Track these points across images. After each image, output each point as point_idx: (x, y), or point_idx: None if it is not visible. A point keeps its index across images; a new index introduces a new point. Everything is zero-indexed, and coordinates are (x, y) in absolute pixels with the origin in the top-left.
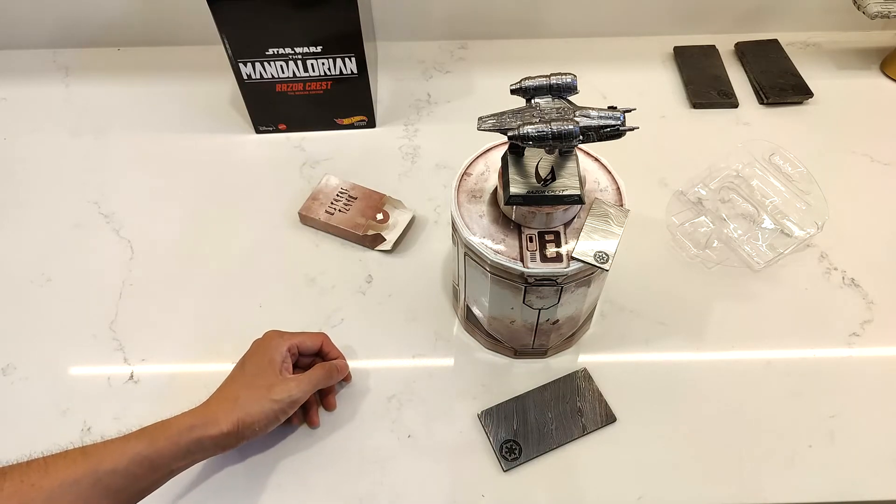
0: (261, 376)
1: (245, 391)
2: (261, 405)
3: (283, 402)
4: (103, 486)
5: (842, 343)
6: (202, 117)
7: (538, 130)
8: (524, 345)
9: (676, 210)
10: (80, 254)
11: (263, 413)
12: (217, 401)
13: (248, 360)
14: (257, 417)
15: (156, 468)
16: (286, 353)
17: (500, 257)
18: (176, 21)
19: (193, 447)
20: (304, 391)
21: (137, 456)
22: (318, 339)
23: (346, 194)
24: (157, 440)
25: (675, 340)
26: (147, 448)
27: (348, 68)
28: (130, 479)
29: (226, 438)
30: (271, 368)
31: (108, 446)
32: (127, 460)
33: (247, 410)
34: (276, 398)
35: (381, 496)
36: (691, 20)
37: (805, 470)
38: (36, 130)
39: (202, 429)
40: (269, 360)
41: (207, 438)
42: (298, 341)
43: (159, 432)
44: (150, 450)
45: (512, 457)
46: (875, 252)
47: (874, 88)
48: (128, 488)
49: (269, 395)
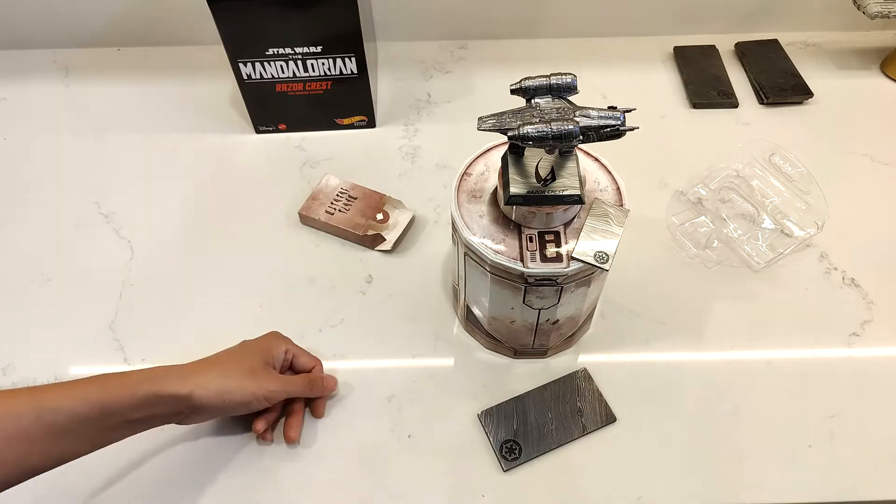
0: (249, 361)
1: (222, 366)
2: (240, 383)
3: (261, 390)
4: (45, 423)
5: (842, 343)
6: (202, 117)
7: (538, 130)
8: (524, 345)
9: (676, 210)
10: (80, 254)
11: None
12: (198, 363)
13: (246, 344)
14: (233, 392)
15: (107, 414)
16: (282, 354)
17: (500, 257)
18: (176, 21)
19: (151, 400)
20: (284, 390)
21: (86, 399)
22: (313, 361)
23: (346, 194)
24: (109, 385)
25: (675, 340)
26: (98, 391)
27: (348, 68)
28: (77, 421)
29: (178, 401)
30: (262, 360)
31: (57, 386)
32: (74, 400)
33: (225, 382)
34: (257, 384)
35: (381, 496)
36: (691, 20)
37: (805, 470)
38: (36, 130)
39: (159, 382)
40: (263, 352)
41: (157, 396)
42: (297, 351)
43: (115, 379)
44: (101, 393)
45: (512, 457)
46: (875, 252)
47: (874, 88)
48: (74, 431)
49: (252, 379)
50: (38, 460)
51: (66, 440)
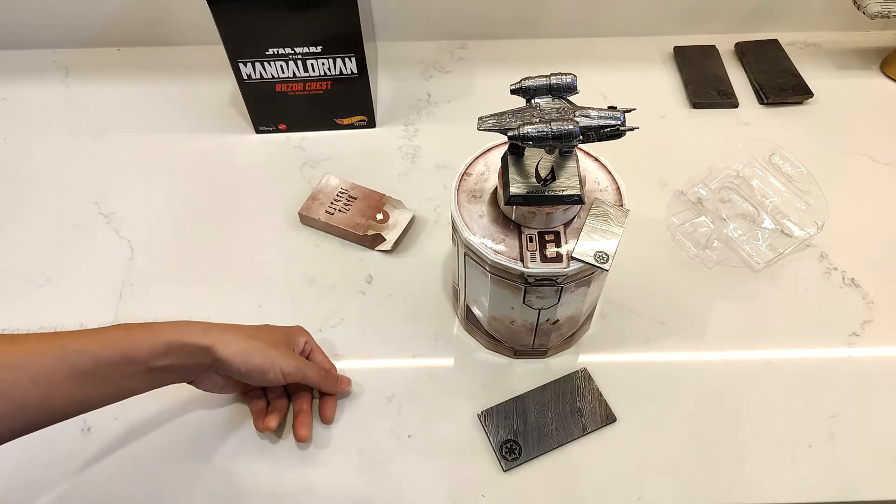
0: (270, 334)
1: (246, 331)
2: (261, 353)
3: (277, 364)
4: (69, 363)
5: (842, 343)
6: (202, 117)
7: (538, 130)
8: (524, 345)
9: (676, 210)
10: (80, 254)
11: (261, 359)
12: (216, 323)
13: (270, 325)
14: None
15: (129, 360)
16: (302, 343)
17: (500, 257)
18: (176, 21)
19: (173, 348)
20: (298, 371)
21: (110, 343)
22: (328, 363)
23: (346, 194)
24: (133, 332)
25: (675, 340)
26: (122, 337)
27: (348, 68)
28: (100, 364)
29: (199, 352)
30: (284, 337)
31: (83, 331)
32: (98, 343)
33: (246, 344)
34: (276, 358)
35: (381, 496)
36: (691, 20)
37: (805, 470)
38: (36, 130)
39: (183, 332)
40: (286, 332)
41: (180, 345)
42: (315, 347)
43: (139, 327)
44: (125, 338)
45: (512, 457)
46: (875, 252)
47: (874, 88)
48: (97, 374)
49: (273, 351)
50: (61, 402)
51: (89, 383)
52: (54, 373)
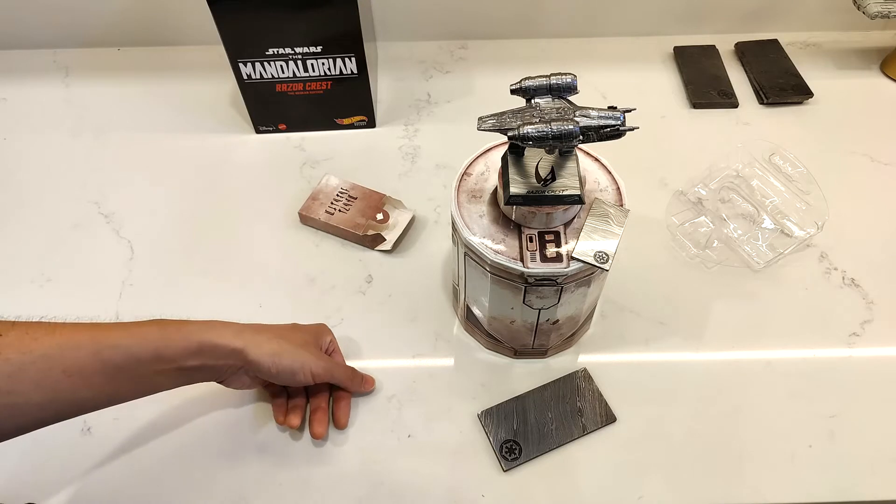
0: (299, 334)
1: (276, 332)
2: (291, 355)
3: (307, 365)
4: (103, 358)
5: (842, 343)
6: (202, 117)
7: (538, 130)
8: (524, 345)
9: (676, 210)
10: (80, 254)
11: (291, 360)
12: (247, 324)
13: (297, 324)
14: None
15: (162, 358)
16: (327, 343)
17: (500, 257)
18: (176, 21)
19: (205, 349)
20: (328, 372)
21: (144, 339)
22: (350, 372)
23: (346, 194)
24: (167, 330)
25: (675, 340)
26: (157, 334)
27: (348, 68)
28: (132, 360)
29: (231, 354)
30: (313, 337)
31: (118, 324)
32: (133, 339)
33: (276, 346)
34: (306, 359)
35: (381, 496)
36: (691, 20)
37: (805, 470)
38: (36, 130)
39: (215, 333)
40: (315, 331)
41: (212, 346)
42: (337, 348)
43: (173, 325)
44: (159, 336)
45: (512, 457)
46: (875, 252)
47: (874, 88)
48: (129, 370)
49: (302, 352)
50: (90, 395)
51: (120, 378)
52: (87, 366)
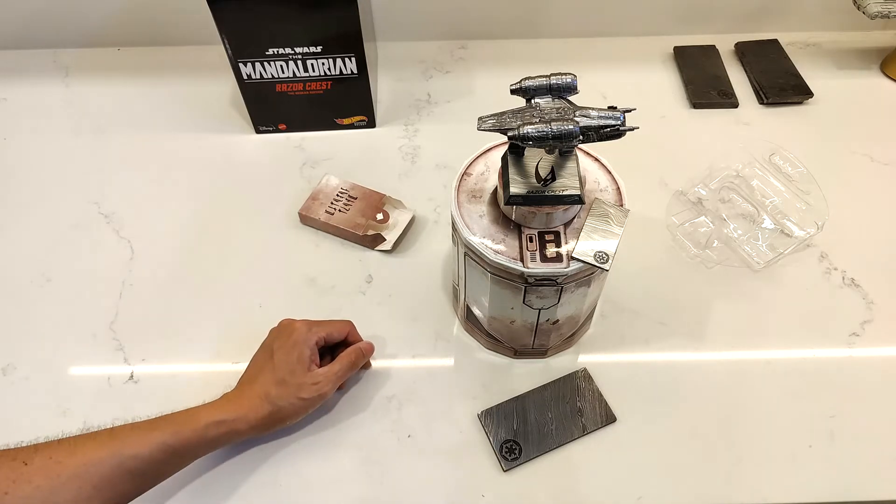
0: (291, 374)
1: (275, 388)
2: (291, 403)
3: (313, 399)
4: (126, 469)
5: (842, 343)
6: (202, 117)
7: (538, 130)
8: (524, 345)
9: (676, 210)
10: (80, 254)
11: (294, 410)
12: (247, 395)
13: (277, 350)
14: (288, 414)
15: (179, 455)
16: (314, 347)
17: (500, 257)
18: (176, 21)
19: (221, 439)
20: (333, 385)
21: (162, 444)
22: (345, 329)
23: (346, 194)
24: (182, 430)
25: (675, 340)
26: (172, 437)
27: (348, 68)
28: (153, 464)
29: (253, 431)
30: (300, 365)
31: (134, 431)
32: (151, 447)
33: (277, 407)
34: (307, 396)
35: (382, 496)
36: (691, 20)
37: (805, 470)
38: (36, 130)
39: (230, 424)
40: (298, 356)
41: (235, 433)
42: (326, 333)
43: (186, 423)
44: (175, 439)
45: (512, 457)
46: (875, 252)
47: (874, 88)
48: (149, 472)
49: (299, 393)
50: (119, 497)
51: (142, 480)
52: (113, 477)
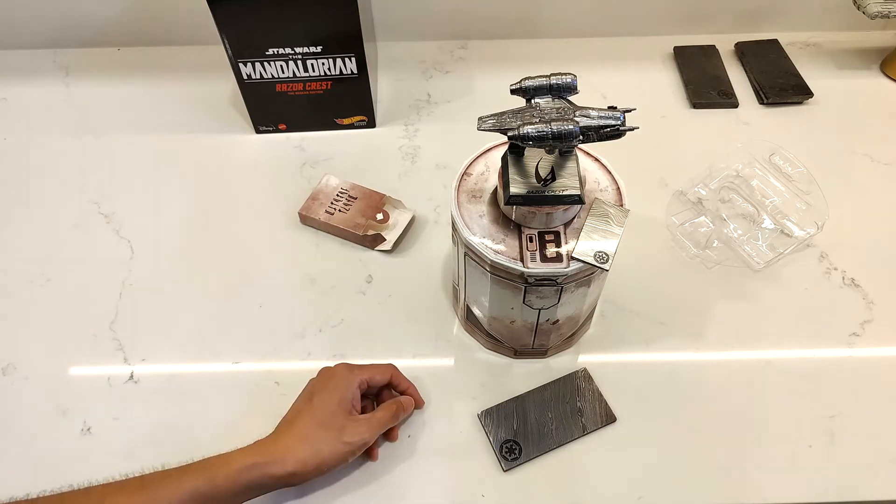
0: (332, 416)
1: (315, 431)
2: (332, 447)
3: (354, 445)
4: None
5: (842, 343)
6: (202, 117)
7: (538, 130)
8: (524, 345)
9: (676, 210)
10: (80, 254)
11: (334, 455)
12: (285, 438)
13: (318, 393)
14: (327, 458)
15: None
16: (356, 391)
17: (500, 257)
18: (176, 21)
19: (255, 485)
20: (375, 434)
21: (195, 492)
22: (388, 372)
23: (346, 194)
24: (216, 476)
25: (675, 340)
26: (205, 484)
27: (348, 68)
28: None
29: (291, 478)
30: (342, 408)
31: (165, 479)
32: (184, 495)
33: (317, 450)
34: (348, 440)
35: (382, 496)
36: (691, 20)
37: (805, 470)
38: (36, 130)
39: (266, 467)
40: (339, 399)
41: (270, 478)
42: (368, 376)
43: (219, 468)
44: (208, 486)
45: (512, 457)
46: (875, 252)
47: (874, 88)
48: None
49: (341, 437)
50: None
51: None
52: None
